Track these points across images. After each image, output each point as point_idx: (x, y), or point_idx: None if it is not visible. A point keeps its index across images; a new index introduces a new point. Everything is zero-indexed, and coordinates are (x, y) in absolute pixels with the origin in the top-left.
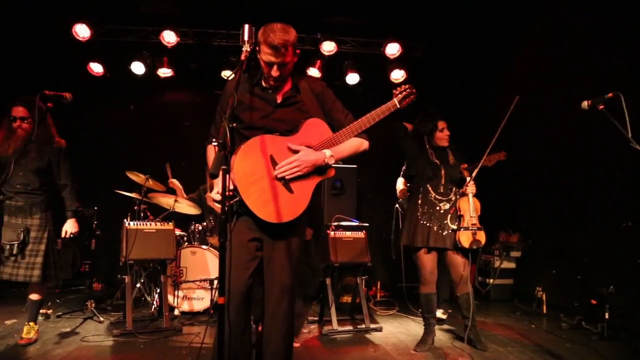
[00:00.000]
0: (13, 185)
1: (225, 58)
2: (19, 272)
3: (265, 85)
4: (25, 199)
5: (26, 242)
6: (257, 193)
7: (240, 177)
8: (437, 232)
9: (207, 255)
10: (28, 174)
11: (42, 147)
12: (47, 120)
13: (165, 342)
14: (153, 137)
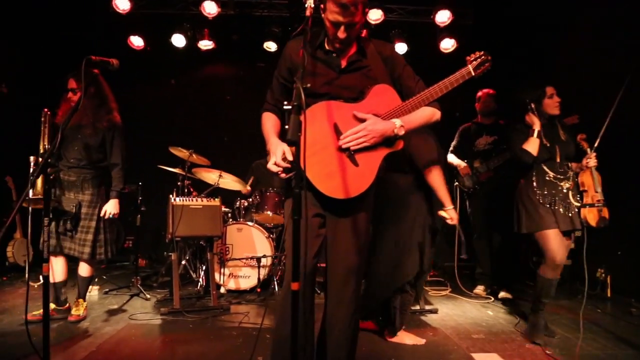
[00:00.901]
0: (67, 159)
1: (267, 29)
2: (74, 246)
3: (328, 48)
4: (78, 174)
5: (79, 218)
6: (319, 165)
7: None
8: (564, 215)
9: (253, 232)
10: (82, 149)
11: (97, 123)
12: (103, 93)
13: (214, 322)
14: (194, 111)
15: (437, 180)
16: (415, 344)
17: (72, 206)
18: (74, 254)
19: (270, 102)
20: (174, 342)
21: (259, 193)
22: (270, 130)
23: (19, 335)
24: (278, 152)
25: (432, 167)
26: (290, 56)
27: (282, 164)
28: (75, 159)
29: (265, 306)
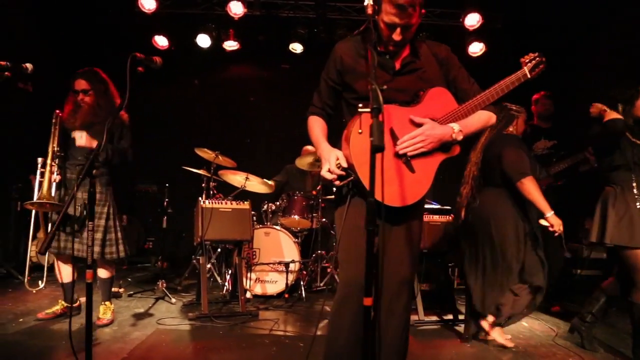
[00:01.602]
0: (75, 158)
1: (293, 30)
2: (82, 247)
3: (381, 50)
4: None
5: (85, 218)
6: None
7: (357, 152)
8: None
9: (281, 237)
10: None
11: (104, 120)
12: (110, 91)
13: (244, 329)
14: (217, 112)
15: (533, 192)
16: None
17: (77, 206)
18: (83, 255)
19: (318, 106)
20: (206, 350)
21: (287, 196)
22: (320, 135)
23: (49, 337)
24: (332, 159)
25: (524, 179)
26: (341, 58)
27: (337, 171)
28: (84, 158)
29: (290, 312)
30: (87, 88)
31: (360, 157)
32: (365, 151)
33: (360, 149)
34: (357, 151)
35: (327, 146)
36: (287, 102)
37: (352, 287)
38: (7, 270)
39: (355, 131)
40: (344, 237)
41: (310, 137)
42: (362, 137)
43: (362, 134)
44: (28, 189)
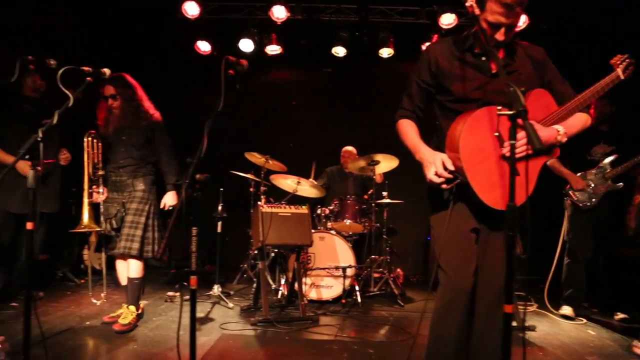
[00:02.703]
0: (116, 161)
1: (335, 34)
2: (120, 244)
3: (477, 52)
4: (128, 172)
5: (124, 215)
6: (483, 174)
7: (467, 155)
8: None
9: (336, 241)
10: (129, 149)
11: (135, 122)
12: (136, 94)
13: (308, 334)
14: (259, 116)
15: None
16: None
17: (115, 205)
18: (122, 251)
19: (408, 109)
20: (278, 356)
21: (338, 200)
22: (416, 138)
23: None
24: (438, 162)
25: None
26: (436, 60)
27: (445, 174)
28: (124, 159)
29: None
30: (114, 93)
31: (470, 160)
32: (474, 153)
33: (470, 150)
34: (467, 153)
35: (428, 149)
36: (329, 105)
37: (457, 294)
38: (63, 274)
39: (466, 133)
40: (446, 243)
41: (404, 141)
42: (471, 140)
43: (474, 134)
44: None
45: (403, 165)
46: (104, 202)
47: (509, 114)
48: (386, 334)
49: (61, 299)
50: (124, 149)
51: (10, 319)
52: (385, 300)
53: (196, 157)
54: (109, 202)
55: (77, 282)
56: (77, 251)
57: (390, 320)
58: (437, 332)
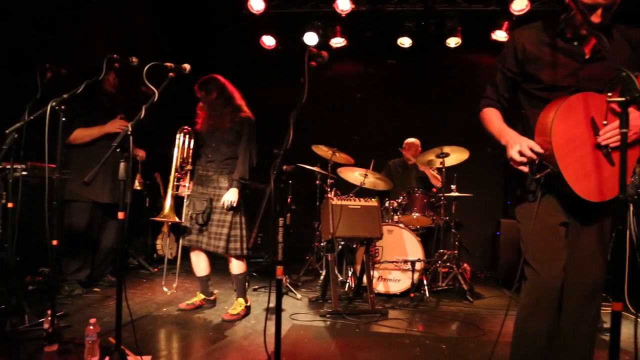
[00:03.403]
0: (206, 156)
1: (400, 24)
2: (210, 241)
3: (569, 36)
4: (215, 168)
5: (212, 212)
6: (575, 164)
7: (559, 143)
8: None
9: (404, 235)
10: (219, 144)
11: (223, 122)
12: (227, 94)
13: (378, 327)
14: (323, 110)
15: None
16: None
17: (203, 201)
18: (210, 249)
19: (493, 98)
20: (351, 348)
21: (406, 193)
22: (502, 124)
23: (197, 327)
24: (524, 143)
25: None
26: (523, 46)
27: (528, 153)
28: (212, 155)
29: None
30: (200, 95)
31: (562, 148)
32: (567, 142)
33: (563, 139)
34: (559, 141)
35: (516, 134)
36: (395, 98)
37: (545, 291)
38: (138, 262)
39: (559, 120)
40: (533, 237)
41: (488, 128)
42: (564, 127)
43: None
44: (155, 186)
45: (473, 158)
46: (188, 195)
47: (621, 101)
48: (457, 329)
49: (137, 287)
50: (215, 144)
51: (95, 302)
52: (453, 295)
53: (283, 148)
54: (195, 196)
55: (150, 270)
56: (151, 241)
57: (460, 315)
58: (523, 330)
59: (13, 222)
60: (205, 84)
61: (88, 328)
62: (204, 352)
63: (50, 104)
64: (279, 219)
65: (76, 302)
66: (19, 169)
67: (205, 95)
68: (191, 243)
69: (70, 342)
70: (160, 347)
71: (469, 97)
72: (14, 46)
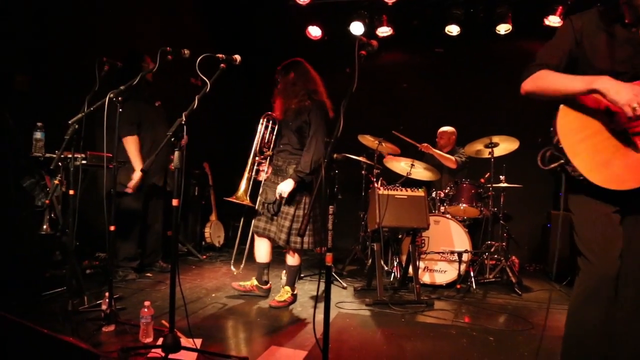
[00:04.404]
0: (278, 146)
1: (448, 12)
2: (274, 230)
3: (627, 22)
4: (284, 159)
5: (281, 203)
6: (587, 152)
7: (566, 132)
8: None
9: (451, 225)
10: (289, 133)
11: (293, 106)
12: (305, 77)
13: (424, 318)
14: (371, 100)
15: None
16: None
17: (274, 192)
18: (274, 237)
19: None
20: (396, 337)
21: (454, 184)
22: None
23: (246, 314)
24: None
25: None
26: (581, 30)
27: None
28: (283, 144)
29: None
30: (276, 77)
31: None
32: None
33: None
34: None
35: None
36: (441, 87)
37: (600, 280)
38: (187, 249)
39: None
40: (587, 225)
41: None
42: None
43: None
44: (204, 175)
45: (523, 148)
46: (264, 182)
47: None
48: (505, 322)
49: (187, 273)
50: (285, 133)
51: (147, 287)
52: (501, 288)
53: (334, 137)
54: (268, 185)
55: (199, 257)
56: (199, 229)
57: (508, 308)
58: (576, 321)
59: (74, 209)
60: (286, 65)
61: (142, 310)
62: (253, 337)
63: (109, 95)
64: (329, 206)
65: (130, 286)
66: (79, 158)
67: (283, 77)
68: (258, 230)
69: (126, 324)
70: (210, 331)
71: (520, 86)
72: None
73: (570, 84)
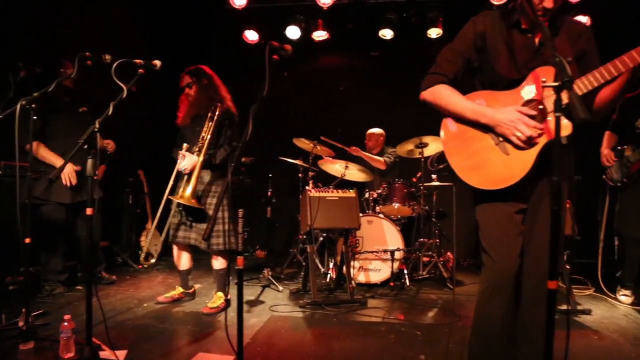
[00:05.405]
0: (192, 152)
1: (382, 16)
2: (198, 237)
3: (524, 27)
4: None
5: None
6: (463, 155)
7: (448, 137)
8: None
9: (384, 225)
10: (197, 139)
11: (209, 111)
12: (214, 84)
13: (356, 316)
14: (307, 103)
15: None
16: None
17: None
18: (195, 243)
19: (449, 76)
20: (326, 337)
21: (387, 184)
22: (467, 99)
23: (175, 321)
24: (522, 116)
25: None
26: (483, 35)
27: (540, 126)
28: (197, 151)
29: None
30: (190, 81)
31: (451, 142)
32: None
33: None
34: (448, 136)
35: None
36: (378, 89)
37: (502, 276)
38: (123, 259)
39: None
40: (490, 224)
41: (451, 106)
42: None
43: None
44: (139, 183)
45: None
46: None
47: (554, 86)
48: (434, 316)
49: (122, 283)
50: (192, 139)
51: (76, 300)
52: (434, 283)
53: (242, 141)
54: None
55: (135, 267)
56: (135, 238)
57: (439, 303)
58: (482, 315)
59: None
60: (196, 71)
61: (62, 324)
62: (181, 344)
63: (20, 102)
64: (239, 210)
65: (57, 300)
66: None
67: (196, 82)
68: (178, 239)
69: (46, 340)
70: (138, 341)
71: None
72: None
73: (460, 109)
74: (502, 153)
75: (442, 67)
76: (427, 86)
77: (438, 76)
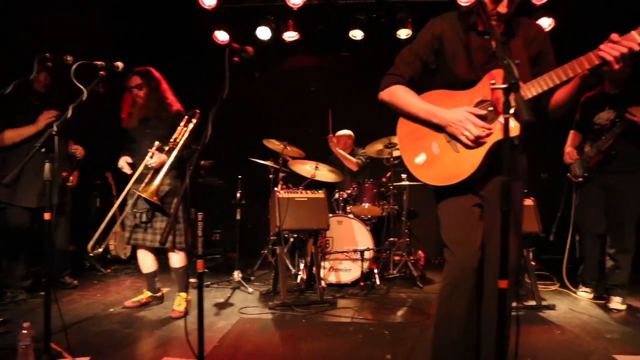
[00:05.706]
0: (143, 155)
1: (352, 17)
2: (155, 237)
3: (481, 30)
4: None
5: (154, 210)
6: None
7: (403, 135)
8: None
9: (354, 225)
10: (153, 141)
11: (159, 113)
12: (161, 86)
13: (325, 317)
14: (279, 103)
15: None
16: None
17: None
18: (153, 244)
19: (405, 77)
20: (294, 338)
21: (357, 184)
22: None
23: (141, 326)
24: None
25: None
26: (440, 37)
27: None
28: (146, 151)
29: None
30: (140, 83)
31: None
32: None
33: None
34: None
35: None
36: (348, 90)
37: (463, 271)
38: (90, 264)
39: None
40: (449, 218)
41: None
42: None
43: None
44: (107, 185)
45: None
46: (130, 193)
47: (503, 88)
48: (403, 315)
49: (88, 288)
50: (149, 142)
51: (39, 307)
52: (404, 282)
53: (200, 144)
54: (135, 194)
55: (103, 271)
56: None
57: (409, 302)
58: (443, 311)
59: None
60: (146, 73)
61: (21, 332)
62: (146, 349)
63: None
64: (198, 213)
65: (20, 307)
66: None
67: (146, 84)
68: (137, 242)
69: (6, 348)
70: (101, 347)
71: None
72: None
73: (415, 110)
74: (453, 151)
75: (400, 69)
76: (385, 87)
77: (395, 77)
